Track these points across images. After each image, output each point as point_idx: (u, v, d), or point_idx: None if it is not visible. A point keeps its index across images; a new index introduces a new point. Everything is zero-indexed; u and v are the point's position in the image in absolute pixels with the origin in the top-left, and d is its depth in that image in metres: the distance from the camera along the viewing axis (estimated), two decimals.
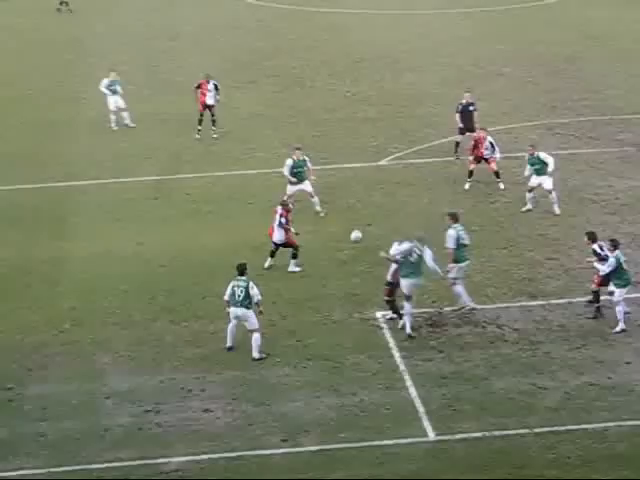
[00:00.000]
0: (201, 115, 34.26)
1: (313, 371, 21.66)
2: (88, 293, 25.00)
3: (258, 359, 22.02)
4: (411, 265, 22.82)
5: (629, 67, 40.93)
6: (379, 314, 23.64)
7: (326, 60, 43.13)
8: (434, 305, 23.66)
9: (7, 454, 19.35)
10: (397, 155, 32.97)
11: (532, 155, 28.58)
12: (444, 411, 20.26)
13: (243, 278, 22.22)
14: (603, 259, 23.04)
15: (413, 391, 20.92)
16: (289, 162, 28.42)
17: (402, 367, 21.72)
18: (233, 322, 22.29)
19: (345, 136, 34.41)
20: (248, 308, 22.08)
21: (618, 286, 22.75)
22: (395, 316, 23.20)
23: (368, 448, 19.28)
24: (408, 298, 22.77)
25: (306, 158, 28.55)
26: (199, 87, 34.32)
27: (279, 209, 25.65)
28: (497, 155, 30.14)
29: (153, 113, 36.15)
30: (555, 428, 19.64)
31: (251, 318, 22.13)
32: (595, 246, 23.52)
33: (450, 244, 23.53)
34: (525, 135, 33.99)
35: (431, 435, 19.66)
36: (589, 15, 49.03)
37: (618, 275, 22.74)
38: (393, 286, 23.12)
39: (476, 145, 30.22)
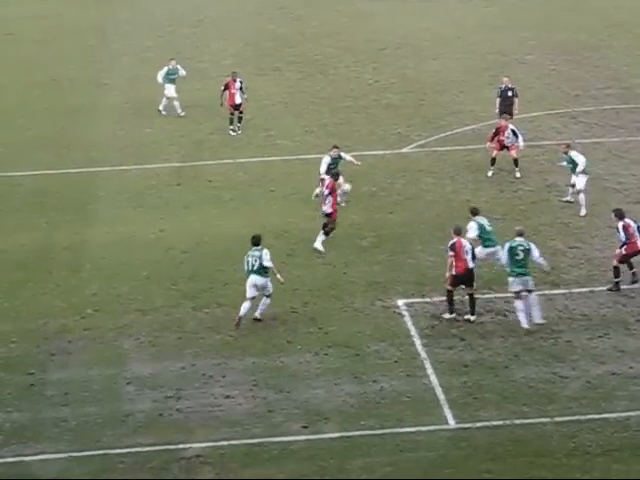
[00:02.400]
0: (232, 114, 33.99)
1: (334, 358, 21.68)
2: (110, 279, 25.09)
3: (258, 319, 22.73)
4: (517, 262, 22.50)
5: None
6: (400, 302, 23.63)
7: (349, 47, 43.03)
8: (457, 293, 23.62)
9: (29, 439, 19.46)
10: (420, 143, 32.90)
11: (565, 154, 28.18)
12: (465, 399, 20.25)
13: (258, 248, 22.71)
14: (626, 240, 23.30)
15: (434, 379, 20.91)
16: (326, 159, 27.93)
17: (423, 355, 21.72)
18: (249, 295, 22.65)
19: (368, 123, 34.36)
20: (263, 276, 22.60)
21: None
22: (449, 315, 22.99)
23: (388, 435, 19.30)
24: (518, 296, 22.49)
25: (342, 154, 28.26)
26: (226, 87, 34.09)
27: (327, 181, 26.10)
28: (521, 143, 30.01)
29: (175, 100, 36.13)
30: (576, 417, 19.60)
31: (267, 285, 22.70)
32: (620, 224, 23.66)
33: (471, 234, 23.50)
34: (548, 124, 33.89)
35: (451, 423, 19.66)
36: (613, 2, 48.72)
37: None
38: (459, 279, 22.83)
39: (497, 132, 30.13)
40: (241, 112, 34.05)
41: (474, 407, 20.01)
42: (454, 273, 22.70)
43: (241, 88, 34.02)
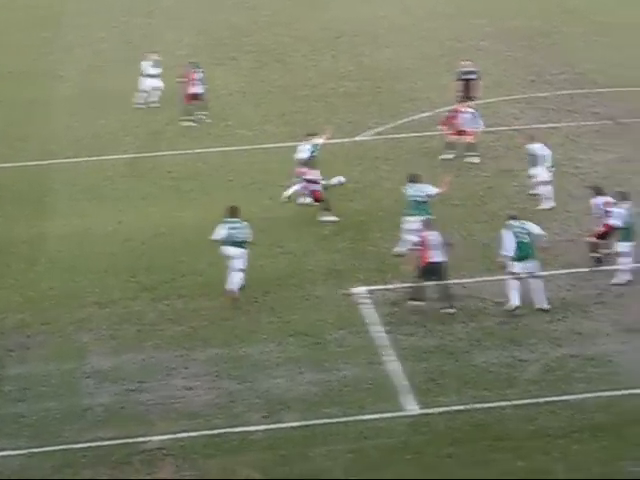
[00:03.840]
0: (190, 105, 33.77)
1: (295, 347, 21.68)
2: (68, 272, 24.93)
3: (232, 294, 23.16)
4: (522, 245, 22.54)
5: (605, 41, 40.95)
6: (361, 289, 23.67)
7: (305, 36, 42.98)
8: (417, 279, 23.69)
9: None
10: (377, 130, 32.95)
11: (528, 145, 27.96)
12: (426, 385, 20.33)
13: (236, 220, 23.29)
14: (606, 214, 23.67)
15: (395, 366, 20.97)
16: (307, 147, 27.76)
17: (384, 342, 21.77)
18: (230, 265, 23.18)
19: (325, 112, 34.35)
20: (243, 247, 23.16)
21: (625, 239, 23.32)
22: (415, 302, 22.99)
23: (350, 423, 19.31)
24: (517, 276, 22.54)
25: (318, 140, 28.28)
26: (186, 77, 33.88)
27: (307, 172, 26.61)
28: (480, 126, 30.09)
29: (130, 90, 35.93)
30: (535, 400, 19.73)
31: (244, 257, 23.24)
32: (598, 200, 23.96)
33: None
34: (505, 109, 34.05)
35: (413, 409, 19.72)
36: None
37: (626, 228, 23.35)
38: None
39: (453, 116, 30.27)
40: (203, 101, 33.88)
41: (435, 393, 20.09)
42: (421, 265, 22.72)
43: (202, 78, 33.92)
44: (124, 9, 47.70)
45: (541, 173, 27.50)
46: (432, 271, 22.68)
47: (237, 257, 23.31)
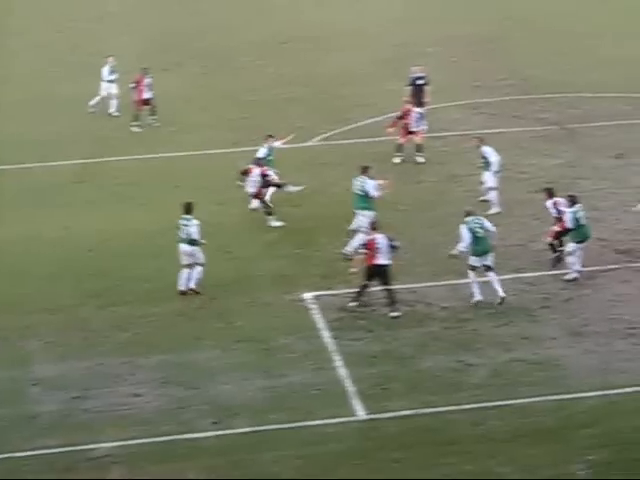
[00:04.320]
0: (140, 111, 33.75)
1: (243, 353, 21.65)
2: (14, 278, 24.68)
3: (194, 291, 23.56)
4: (478, 240, 23.07)
5: (549, 47, 41.37)
6: (308, 295, 23.68)
7: (252, 41, 42.92)
8: (362, 281, 23.75)
9: None
10: (325, 136, 33.00)
11: (477, 148, 28.15)
12: (374, 390, 20.38)
13: (188, 217, 23.65)
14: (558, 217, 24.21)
15: (343, 371, 21.01)
16: (263, 150, 28.02)
17: (332, 347, 21.79)
18: (183, 263, 23.46)
19: (272, 117, 34.28)
20: (192, 245, 23.48)
21: (573, 240, 23.85)
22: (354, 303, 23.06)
23: (298, 429, 19.33)
24: (474, 269, 23.10)
25: (275, 143, 28.52)
26: (137, 83, 33.84)
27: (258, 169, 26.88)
28: (424, 127, 30.26)
29: (78, 95, 35.69)
30: (483, 404, 19.86)
31: (198, 253, 23.54)
32: (549, 202, 24.48)
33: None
34: (451, 115, 34.25)
35: (361, 414, 19.76)
36: None
37: (575, 229, 23.88)
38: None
39: (402, 117, 30.47)
40: (153, 106, 33.80)
41: (383, 398, 20.16)
42: (366, 266, 22.82)
43: (151, 84, 33.88)
44: (70, 14, 47.33)
45: (490, 178, 27.73)
46: (377, 274, 22.78)
47: (186, 254, 23.52)
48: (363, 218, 25.19)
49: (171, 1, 49.33)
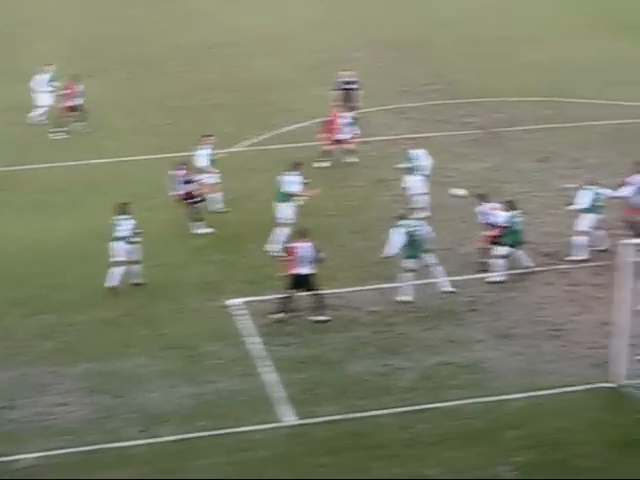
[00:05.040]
0: (67, 117, 33.49)
1: (170, 360, 21.49)
2: None
3: (139, 284, 23.96)
4: (413, 243, 23.23)
5: (473, 52, 41.82)
6: (236, 301, 23.59)
7: (176, 47, 42.76)
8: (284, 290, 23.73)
9: None
10: (251, 141, 32.94)
11: (407, 151, 28.17)
12: (303, 395, 20.35)
13: (125, 216, 23.90)
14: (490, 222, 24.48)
15: (271, 377, 20.94)
16: (205, 152, 27.90)
17: (260, 353, 21.73)
18: (116, 260, 23.59)
19: (198, 123, 34.10)
20: (132, 243, 23.85)
21: (504, 243, 24.21)
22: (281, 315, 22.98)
23: (227, 435, 19.22)
24: (410, 270, 23.36)
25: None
26: (68, 90, 33.51)
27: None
28: (356, 132, 30.64)
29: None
30: (411, 408, 19.93)
31: (136, 251, 23.91)
32: (485, 207, 24.67)
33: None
34: (378, 120, 34.40)
35: (290, 420, 19.72)
36: (436, 2, 49.88)
37: (509, 233, 24.21)
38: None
39: (330, 124, 30.57)
40: (82, 112, 33.50)
41: (312, 403, 20.13)
42: (289, 275, 22.75)
43: (82, 91, 33.65)
44: None
45: (418, 183, 27.90)
46: (299, 283, 22.69)
47: (123, 253, 23.69)
48: (286, 210, 25.57)
49: (96, 7, 48.91)
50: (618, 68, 39.62)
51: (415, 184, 27.88)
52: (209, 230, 26.73)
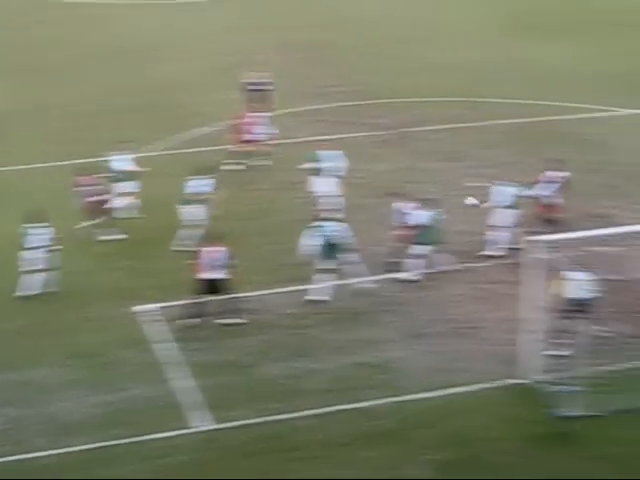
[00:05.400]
0: None
1: (80, 369, 21.20)
2: None
3: (50, 292, 23.66)
4: (330, 246, 23.35)
5: (379, 53, 42.10)
6: (147, 307, 23.37)
7: (83, 52, 42.28)
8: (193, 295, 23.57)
9: None
10: (161, 146, 32.67)
11: (319, 152, 28.26)
12: (218, 400, 20.22)
13: (41, 224, 23.64)
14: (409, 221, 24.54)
15: (186, 382, 20.79)
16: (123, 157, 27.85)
17: (173, 359, 21.55)
18: (27, 269, 23.35)
19: (105, 129, 33.74)
20: (50, 252, 23.64)
21: (420, 243, 24.26)
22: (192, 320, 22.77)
23: (140, 443, 19.02)
24: (324, 271, 23.46)
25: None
26: None
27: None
28: (274, 132, 30.70)
29: None
30: (325, 409, 19.93)
31: (54, 259, 23.74)
32: (398, 205, 24.77)
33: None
34: (286, 122, 34.33)
35: (205, 425, 19.58)
36: (340, 1, 50.15)
37: (424, 232, 24.33)
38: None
39: (242, 124, 30.52)
40: None
41: (227, 407, 20.02)
42: (199, 279, 22.60)
43: None
44: None
45: (324, 184, 27.91)
46: (209, 287, 22.55)
47: (40, 261, 23.49)
48: (195, 211, 25.84)
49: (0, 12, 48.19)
50: (523, 68, 40.23)
51: (321, 185, 27.88)
52: (121, 236, 26.44)
